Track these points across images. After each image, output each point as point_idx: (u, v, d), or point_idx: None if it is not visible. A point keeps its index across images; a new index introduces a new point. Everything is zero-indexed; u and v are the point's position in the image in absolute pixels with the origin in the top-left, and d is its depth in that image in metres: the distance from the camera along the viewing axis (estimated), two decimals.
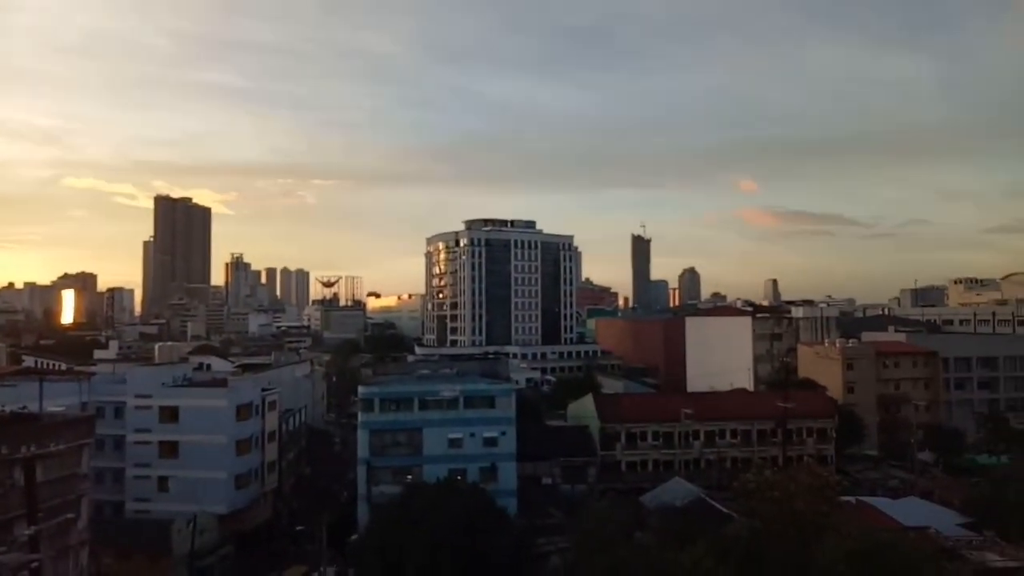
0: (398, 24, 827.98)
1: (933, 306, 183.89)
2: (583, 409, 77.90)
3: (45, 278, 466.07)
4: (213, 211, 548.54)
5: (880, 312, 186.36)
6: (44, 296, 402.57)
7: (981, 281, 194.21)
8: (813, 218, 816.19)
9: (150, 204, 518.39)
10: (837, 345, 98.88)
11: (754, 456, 67.27)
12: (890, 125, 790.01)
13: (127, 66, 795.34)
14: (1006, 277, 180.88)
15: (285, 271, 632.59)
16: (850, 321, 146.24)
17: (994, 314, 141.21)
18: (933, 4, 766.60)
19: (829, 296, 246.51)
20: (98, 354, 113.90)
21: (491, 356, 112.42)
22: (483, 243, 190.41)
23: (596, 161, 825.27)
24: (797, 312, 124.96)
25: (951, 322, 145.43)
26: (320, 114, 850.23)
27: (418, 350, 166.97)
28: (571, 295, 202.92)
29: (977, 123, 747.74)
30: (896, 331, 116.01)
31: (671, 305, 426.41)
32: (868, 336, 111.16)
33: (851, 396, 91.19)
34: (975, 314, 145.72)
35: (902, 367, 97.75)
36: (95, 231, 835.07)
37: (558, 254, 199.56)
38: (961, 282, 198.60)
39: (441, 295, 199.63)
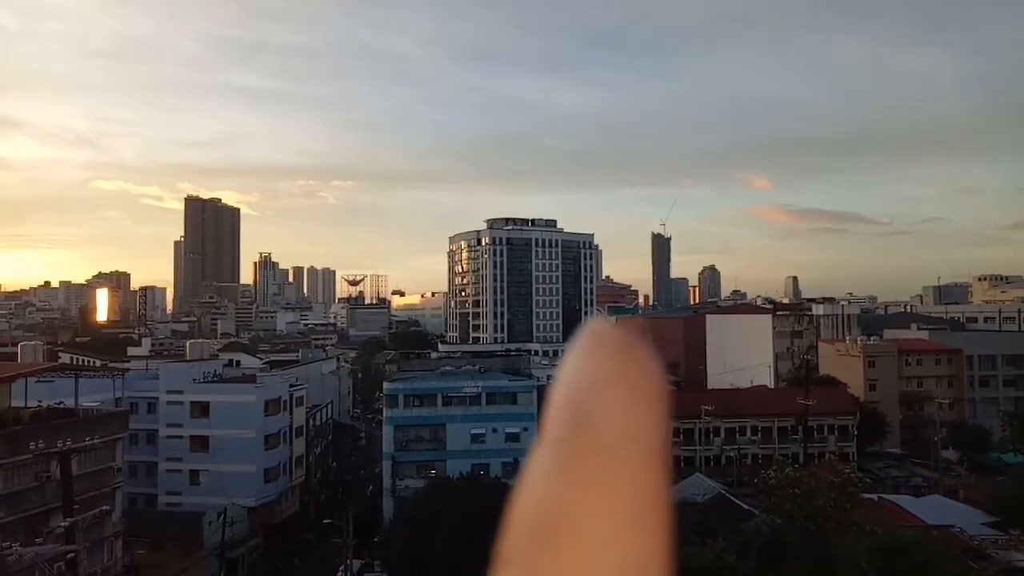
0: (417, 25, 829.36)
1: (956, 303, 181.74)
2: None
3: (80, 277, 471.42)
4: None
5: (902, 309, 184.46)
6: (79, 295, 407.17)
7: (1006, 278, 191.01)
8: (828, 216, 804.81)
9: (176, 205, 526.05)
10: (858, 342, 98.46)
11: (775, 453, 67.43)
12: (905, 122, 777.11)
13: (155, 69, 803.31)
14: None
15: (312, 270, 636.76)
16: (872, 318, 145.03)
17: (1020, 311, 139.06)
18: None
19: (850, 293, 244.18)
20: (131, 351, 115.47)
21: (513, 353, 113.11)
22: (504, 242, 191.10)
23: (616, 160, 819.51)
24: (818, 309, 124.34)
25: (975, 319, 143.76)
26: (341, 115, 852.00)
27: (441, 347, 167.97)
28: (592, 293, 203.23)
29: (995, 119, 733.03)
30: (919, 328, 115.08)
31: (692, 303, 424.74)
32: (890, 333, 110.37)
33: (873, 394, 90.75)
34: (1000, 311, 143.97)
35: (925, 364, 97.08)
36: (127, 231, 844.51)
37: (579, 252, 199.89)
38: (986, 279, 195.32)
39: (464, 293, 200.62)
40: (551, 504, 0.66)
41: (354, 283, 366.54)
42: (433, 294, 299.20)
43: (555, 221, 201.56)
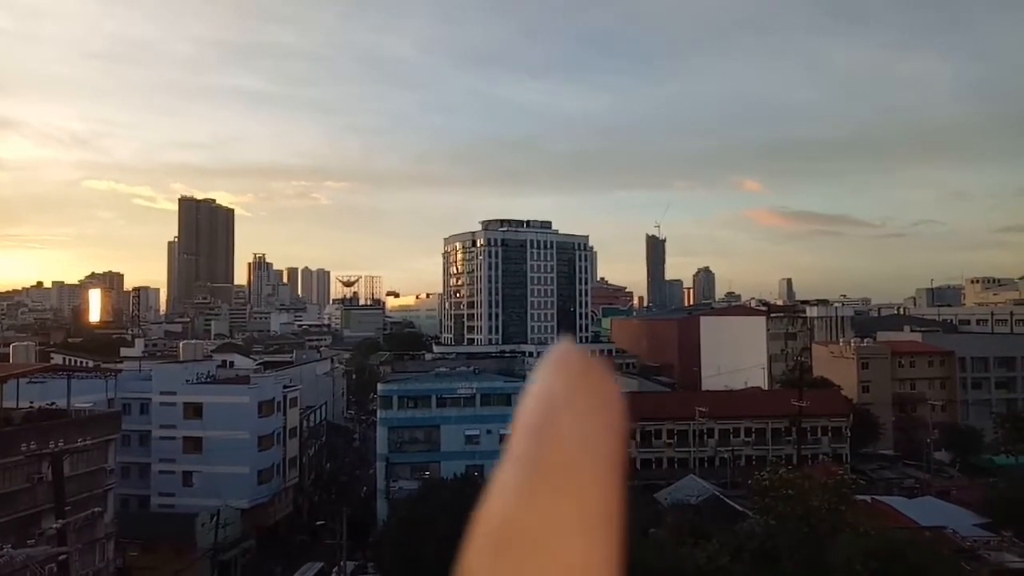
0: (417, 29, 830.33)
1: (949, 306, 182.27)
2: None
3: (73, 277, 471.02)
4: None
5: (895, 312, 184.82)
6: (72, 295, 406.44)
7: (999, 280, 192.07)
8: (822, 218, 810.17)
9: (170, 206, 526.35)
10: (852, 344, 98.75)
11: (769, 454, 67.60)
12: (899, 126, 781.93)
13: (152, 71, 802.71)
14: None
15: (306, 271, 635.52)
16: (865, 320, 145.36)
17: (1012, 314, 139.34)
18: (949, 2, 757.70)
19: (844, 296, 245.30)
20: (124, 352, 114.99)
21: (507, 354, 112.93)
22: (499, 243, 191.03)
23: (611, 162, 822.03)
24: (812, 311, 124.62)
25: (968, 322, 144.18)
26: (338, 117, 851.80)
27: (436, 348, 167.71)
28: (586, 294, 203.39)
29: (989, 124, 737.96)
30: (912, 331, 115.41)
31: (686, 304, 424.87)
32: (883, 336, 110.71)
33: (866, 395, 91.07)
34: (992, 314, 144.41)
35: (918, 367, 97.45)
36: (121, 232, 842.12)
37: (573, 254, 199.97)
38: (978, 281, 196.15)
39: (458, 294, 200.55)
40: (507, 517, 0.69)
41: (348, 284, 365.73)
42: (428, 295, 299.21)
43: (550, 223, 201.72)
